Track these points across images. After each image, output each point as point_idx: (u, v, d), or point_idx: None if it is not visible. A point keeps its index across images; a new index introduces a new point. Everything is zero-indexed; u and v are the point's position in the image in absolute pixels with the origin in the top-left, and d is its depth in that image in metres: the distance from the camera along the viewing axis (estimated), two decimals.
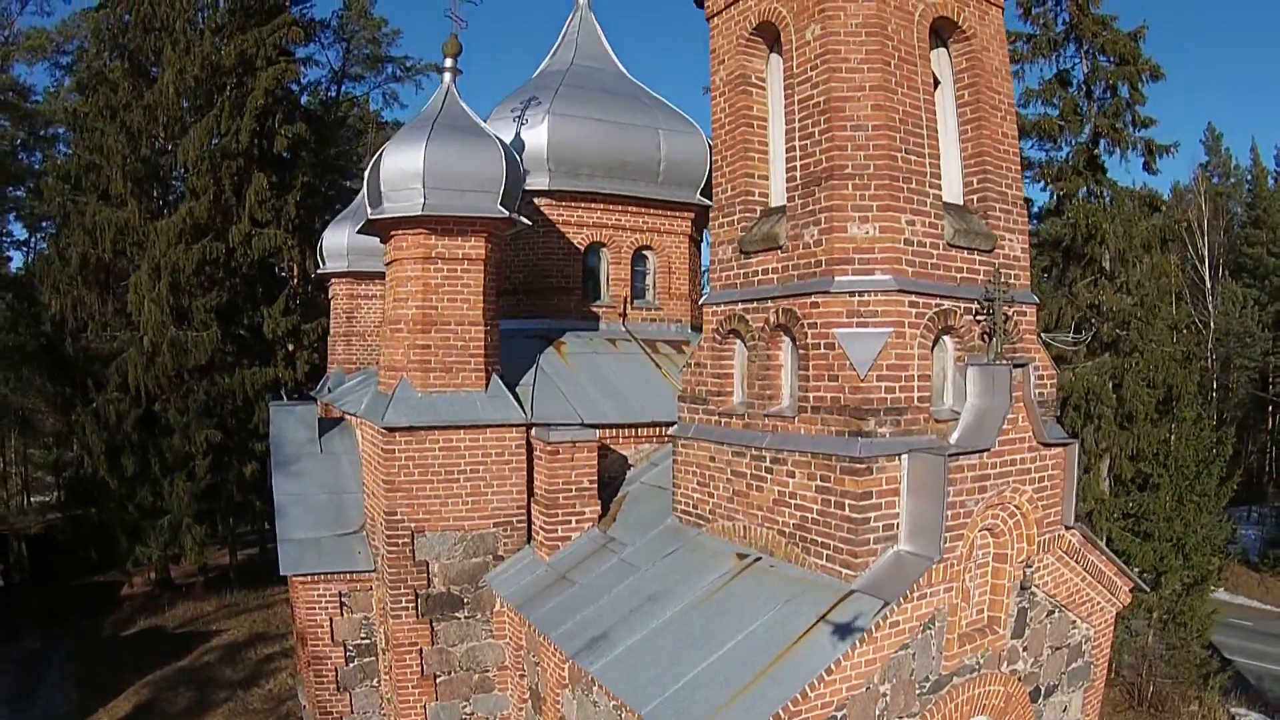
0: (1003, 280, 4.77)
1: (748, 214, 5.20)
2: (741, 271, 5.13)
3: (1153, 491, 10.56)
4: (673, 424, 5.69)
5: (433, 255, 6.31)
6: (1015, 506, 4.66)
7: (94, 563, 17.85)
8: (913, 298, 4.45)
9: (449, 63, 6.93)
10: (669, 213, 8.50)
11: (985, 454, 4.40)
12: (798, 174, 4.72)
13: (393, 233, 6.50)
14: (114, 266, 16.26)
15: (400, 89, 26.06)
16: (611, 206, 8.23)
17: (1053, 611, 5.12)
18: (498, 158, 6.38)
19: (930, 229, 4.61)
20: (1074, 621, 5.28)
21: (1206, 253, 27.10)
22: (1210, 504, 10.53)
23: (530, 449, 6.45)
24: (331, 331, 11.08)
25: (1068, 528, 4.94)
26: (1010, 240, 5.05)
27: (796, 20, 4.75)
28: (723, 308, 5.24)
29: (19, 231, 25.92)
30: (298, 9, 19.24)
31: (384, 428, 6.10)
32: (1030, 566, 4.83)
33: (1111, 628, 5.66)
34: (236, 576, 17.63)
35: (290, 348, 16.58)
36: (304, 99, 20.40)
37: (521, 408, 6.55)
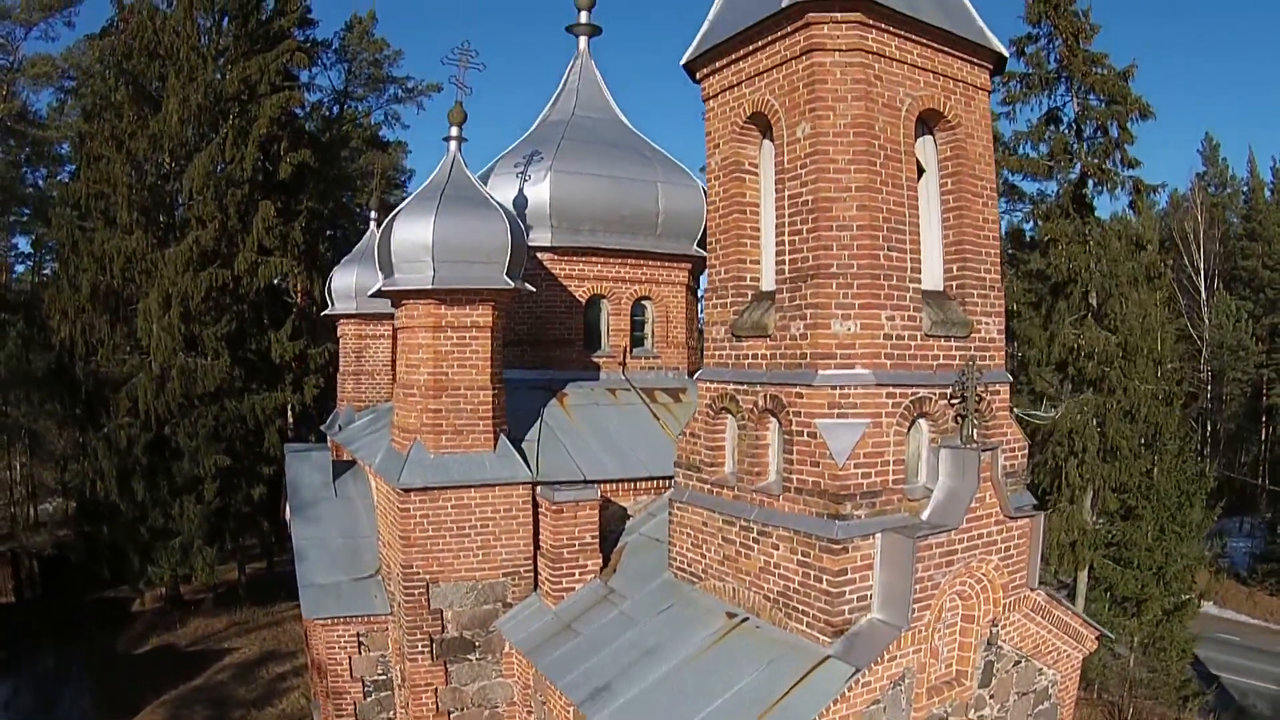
0: (977, 365, 5.13)
1: (739, 298, 5.57)
2: (733, 353, 5.51)
3: (1135, 522, 10.94)
4: (668, 477, 6.08)
5: (442, 324, 6.68)
6: (982, 574, 5.06)
7: (105, 579, 18.29)
8: (890, 389, 4.83)
9: (454, 131, 7.25)
10: (667, 264, 8.86)
11: (953, 531, 4.79)
12: (786, 268, 5.08)
13: (404, 301, 6.87)
14: (123, 292, 16.60)
15: (402, 109, 26.27)
16: (611, 260, 8.59)
17: (1019, 661, 5.53)
18: (503, 229, 6.73)
19: (909, 322, 4.98)
20: (1040, 669, 5.70)
21: (1202, 263, 27.40)
22: (1192, 534, 10.92)
23: (536, 504, 6.84)
24: (341, 369, 11.43)
25: (1032, 589, 5.34)
26: (986, 323, 5.42)
27: (788, 116, 5.06)
28: (715, 385, 5.62)
29: (23, 244, 26.25)
30: (301, 33, 19.52)
31: (400, 489, 6.49)
32: (996, 625, 5.23)
33: (1078, 671, 6.06)
34: (245, 592, 18.07)
35: (296, 370, 16.93)
36: (308, 124, 20.64)
37: (527, 464, 6.93)
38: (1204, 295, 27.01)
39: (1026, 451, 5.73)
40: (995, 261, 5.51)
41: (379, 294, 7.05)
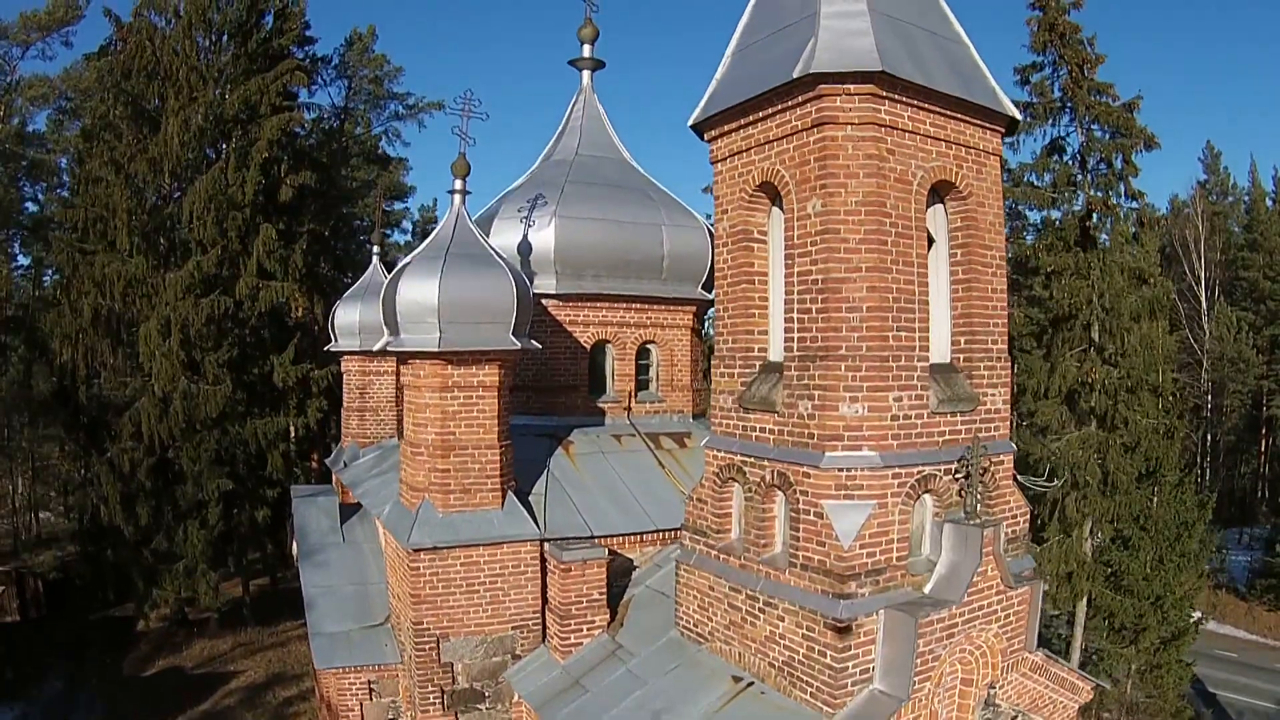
0: (981, 441, 5.19)
1: (747, 368, 5.62)
2: (740, 424, 5.57)
3: (1134, 552, 11.05)
4: (674, 529, 6.15)
5: (449, 384, 6.73)
6: (982, 642, 5.16)
7: (110, 600, 18.35)
8: (896, 469, 4.90)
9: (458, 184, 7.27)
10: (672, 308, 8.91)
11: (955, 606, 4.88)
12: (795, 345, 5.11)
13: (410, 360, 6.92)
14: (124, 316, 16.60)
15: (402, 126, 26.12)
16: (616, 305, 8.64)
17: (1016, 716, 5.63)
18: (509, 289, 6.78)
19: (916, 401, 5.03)
20: None
21: (1203, 273, 27.41)
22: (1190, 563, 11.05)
23: (544, 560, 6.92)
24: (345, 404, 11.47)
25: (1030, 652, 5.44)
26: (992, 394, 5.47)
27: (799, 189, 5.02)
28: (723, 454, 5.68)
29: (23, 259, 26.18)
30: (300, 50, 19.45)
31: (410, 549, 6.56)
32: (995, 686, 5.33)
33: (1074, 716, 6.16)
34: (250, 611, 18.15)
35: (299, 394, 16.95)
36: (310, 138, 20.55)
37: (535, 521, 7.01)
38: (1204, 305, 27.02)
39: (1028, 516, 5.81)
40: (1003, 332, 5.55)
41: (384, 351, 7.09)
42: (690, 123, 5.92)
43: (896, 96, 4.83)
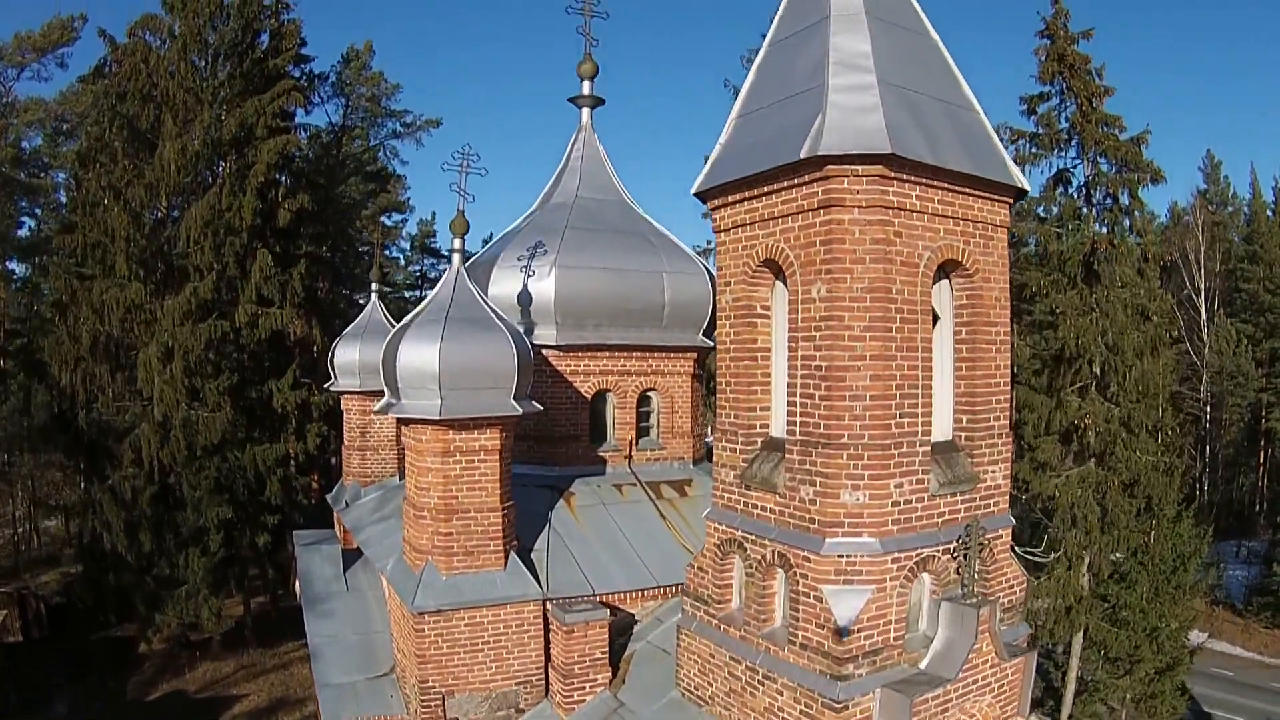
0: (980, 521, 5.24)
1: (749, 445, 5.66)
2: (742, 499, 5.62)
3: (1130, 585, 11.15)
4: (675, 584, 6.20)
5: (451, 449, 6.78)
6: (976, 711, 5.24)
7: (112, 621, 18.43)
8: (895, 554, 4.97)
9: (457, 243, 7.27)
10: (673, 355, 8.95)
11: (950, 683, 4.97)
12: (797, 429, 5.12)
13: (412, 424, 6.96)
14: (123, 341, 16.58)
15: (400, 144, 25.92)
16: (617, 354, 8.68)
17: None
18: (510, 354, 6.82)
19: (917, 485, 5.08)
20: None
21: (1203, 283, 27.34)
22: (1186, 597, 11.13)
23: (547, 618, 6.99)
24: (345, 443, 11.50)
25: (1023, 718, 5.54)
26: (993, 471, 5.52)
27: (803, 271, 4.97)
28: (724, 527, 5.74)
29: (19, 270, 26.01)
30: (297, 69, 19.36)
31: (414, 611, 6.62)
32: None
33: None
34: (252, 633, 18.24)
35: (298, 418, 16.98)
36: (308, 151, 20.44)
37: (537, 580, 7.08)
38: (1204, 316, 26.97)
39: (1025, 586, 5.88)
40: (1005, 408, 5.56)
41: (386, 412, 7.13)
42: (693, 191, 5.93)
43: (905, 176, 4.78)
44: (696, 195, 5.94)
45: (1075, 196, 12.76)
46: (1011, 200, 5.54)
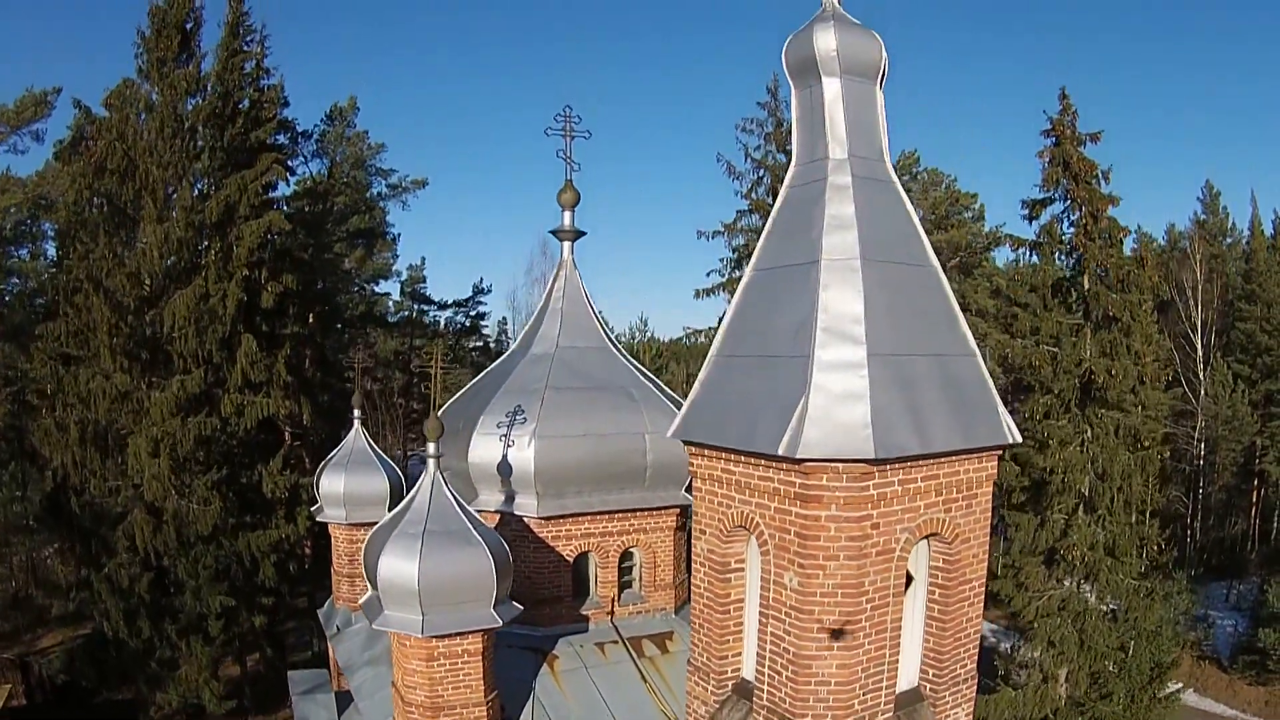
0: None
1: (720, 687, 5.76)
2: None
3: (1109, 698, 11.34)
4: None
5: (435, 655, 6.88)
6: None
7: (114, 687, 18.68)
8: None
9: (432, 448, 7.25)
10: (655, 513, 9.01)
11: None
12: (765, 696, 5.21)
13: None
14: (112, 429, 16.56)
15: (387, 205, 25.42)
16: (599, 517, 8.73)
17: None
18: (489, 567, 6.88)
19: None
20: None
21: (1199, 319, 26.96)
22: (1162, 705, 11.31)
23: None
24: (334, 568, 11.58)
25: None
26: (955, 715, 5.62)
27: (776, 555, 4.89)
28: None
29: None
30: (280, 135, 19.05)
31: None
32: None
33: None
34: (251, 701, 18.50)
35: (288, 503, 17.05)
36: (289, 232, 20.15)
37: None
38: (1200, 352, 26.68)
39: None
40: (972, 656, 5.60)
41: (371, 616, 7.19)
42: (670, 434, 5.92)
43: (890, 466, 4.66)
44: (673, 435, 5.89)
45: (1075, 309, 12.53)
46: (1001, 452, 5.46)
